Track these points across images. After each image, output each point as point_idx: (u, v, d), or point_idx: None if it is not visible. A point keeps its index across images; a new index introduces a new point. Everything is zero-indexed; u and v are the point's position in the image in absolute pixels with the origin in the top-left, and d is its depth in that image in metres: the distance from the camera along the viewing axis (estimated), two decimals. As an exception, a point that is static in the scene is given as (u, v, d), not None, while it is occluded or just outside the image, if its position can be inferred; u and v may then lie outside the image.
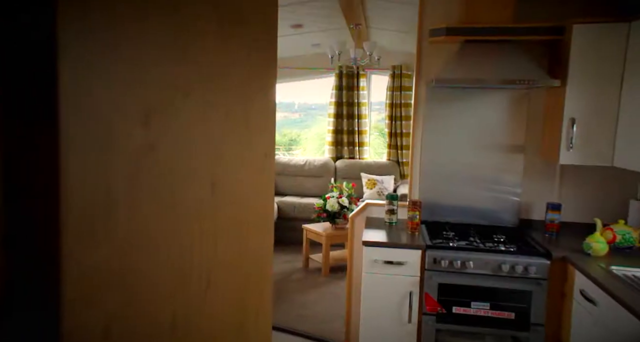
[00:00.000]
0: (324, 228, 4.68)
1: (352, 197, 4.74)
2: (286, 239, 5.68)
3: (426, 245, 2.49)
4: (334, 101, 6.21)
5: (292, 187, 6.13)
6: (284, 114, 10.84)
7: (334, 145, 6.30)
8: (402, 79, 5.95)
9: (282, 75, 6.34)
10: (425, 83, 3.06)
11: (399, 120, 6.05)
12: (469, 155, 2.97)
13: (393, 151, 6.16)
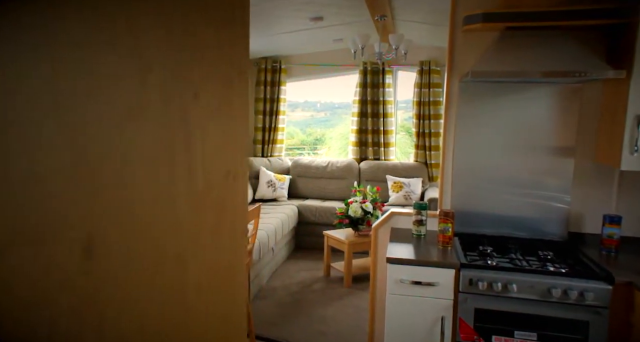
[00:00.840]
0: (346, 235, 4.38)
1: (377, 203, 4.41)
2: (307, 244, 5.40)
3: (460, 263, 2.15)
4: (358, 99, 5.89)
5: (313, 190, 5.84)
6: (310, 113, 10.61)
7: (358, 145, 5.97)
8: (431, 75, 5.58)
9: (302, 72, 6.06)
10: (459, 78, 2.72)
11: (427, 120, 5.68)
12: (509, 158, 2.62)
13: (421, 152, 5.79)
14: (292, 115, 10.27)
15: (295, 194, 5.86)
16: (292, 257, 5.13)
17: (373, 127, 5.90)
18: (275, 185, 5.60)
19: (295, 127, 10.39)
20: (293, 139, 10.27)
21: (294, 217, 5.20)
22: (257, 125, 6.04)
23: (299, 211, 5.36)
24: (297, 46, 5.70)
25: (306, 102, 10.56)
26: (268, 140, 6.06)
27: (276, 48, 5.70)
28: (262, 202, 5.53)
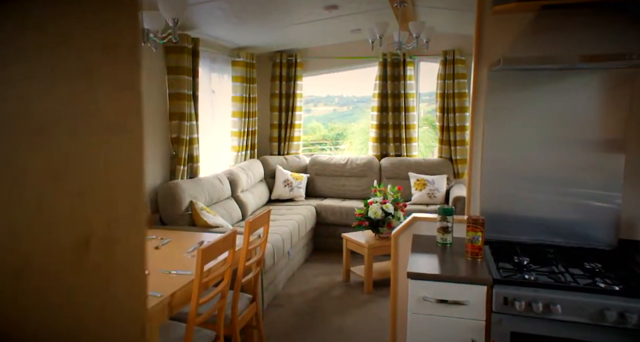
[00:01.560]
0: (366, 238, 4.11)
1: (398, 203, 4.12)
2: (326, 246, 5.15)
3: (493, 278, 1.86)
4: (377, 93, 5.59)
5: (332, 189, 5.58)
6: (332, 108, 10.33)
7: (379, 141, 5.68)
8: (456, 65, 5.23)
9: (319, 66, 5.79)
10: (488, 66, 2.41)
11: (452, 113, 5.34)
12: (546, 153, 2.31)
13: (445, 147, 5.46)
14: (314, 110, 10.10)
15: (313, 193, 5.62)
16: (309, 260, 4.89)
17: (394, 122, 5.60)
18: (292, 184, 5.37)
19: (318, 121, 10.19)
20: (315, 134, 10.09)
21: (312, 218, 4.96)
22: (273, 122, 5.81)
23: (316, 211, 5.11)
24: (313, 39, 5.43)
25: (328, 96, 10.29)
26: (284, 138, 5.82)
27: (291, 41, 5.44)
28: (278, 202, 5.30)
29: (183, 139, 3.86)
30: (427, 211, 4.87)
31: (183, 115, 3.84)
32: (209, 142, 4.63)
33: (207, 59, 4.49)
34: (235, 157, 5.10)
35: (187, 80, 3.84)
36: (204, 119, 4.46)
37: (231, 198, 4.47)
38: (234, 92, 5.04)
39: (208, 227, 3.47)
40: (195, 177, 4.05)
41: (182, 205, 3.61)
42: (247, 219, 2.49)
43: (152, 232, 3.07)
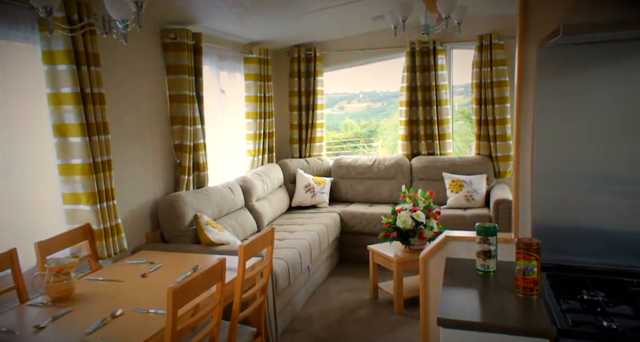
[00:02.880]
0: (395, 251, 3.61)
1: (431, 210, 3.60)
2: (352, 257, 4.68)
3: (558, 329, 1.36)
4: (406, 86, 5.06)
5: (358, 193, 5.10)
6: (367, 104, 9.95)
7: (408, 139, 5.15)
8: (493, 51, 4.64)
9: (340, 59, 5.32)
10: (536, 45, 1.90)
11: (490, 104, 4.74)
12: (617, 148, 1.78)
13: (484, 143, 4.88)
14: (347, 107, 9.80)
15: (337, 198, 5.15)
16: (334, 273, 4.43)
17: (425, 117, 5.05)
18: (314, 189, 4.92)
19: (352, 119, 9.88)
20: (348, 131, 9.74)
21: (336, 227, 4.50)
22: (292, 122, 5.38)
23: (341, 219, 4.65)
24: (332, 30, 4.96)
25: (361, 93, 9.96)
26: (305, 139, 5.38)
27: (308, 34, 5.00)
28: (300, 209, 4.87)
29: (186, 146, 3.49)
30: (465, 216, 4.32)
31: (185, 119, 3.46)
32: (219, 148, 4.25)
33: (215, 57, 4.11)
34: (251, 162, 4.71)
35: (188, 80, 3.46)
36: (213, 122, 4.08)
37: (244, 208, 4.07)
38: (247, 92, 4.64)
39: (212, 244, 3.07)
40: (202, 187, 3.67)
41: (185, 220, 3.23)
42: (242, 243, 2.06)
43: (144, 254, 2.70)
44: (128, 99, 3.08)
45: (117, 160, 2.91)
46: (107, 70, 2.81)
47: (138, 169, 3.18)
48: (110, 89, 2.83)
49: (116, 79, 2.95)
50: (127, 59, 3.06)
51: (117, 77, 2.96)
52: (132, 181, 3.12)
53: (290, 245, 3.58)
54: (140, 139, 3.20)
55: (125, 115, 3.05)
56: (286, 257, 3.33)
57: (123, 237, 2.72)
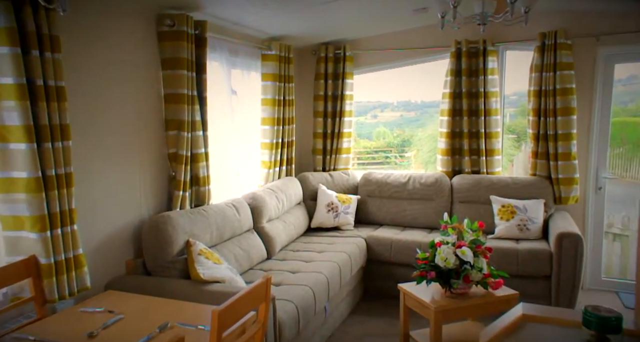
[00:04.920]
0: (433, 294, 2.89)
1: (479, 246, 2.87)
2: (377, 291, 3.99)
3: None
4: (449, 92, 4.34)
5: (388, 215, 4.40)
6: (400, 113, 9.59)
7: (450, 154, 4.42)
8: (558, 52, 3.87)
9: (373, 59, 4.66)
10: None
11: (551, 116, 3.97)
12: None
13: (541, 162, 4.09)
14: (381, 115, 9.42)
15: (364, 219, 4.46)
16: (356, 311, 3.74)
17: (470, 129, 4.31)
18: (337, 209, 4.25)
19: (385, 127, 9.52)
20: (380, 141, 9.28)
21: (361, 255, 3.81)
22: (317, 130, 4.74)
23: (367, 245, 3.96)
24: (364, 25, 4.31)
25: (397, 101, 9.78)
26: (330, 150, 4.73)
27: (337, 30, 4.36)
28: (320, 231, 4.21)
29: (182, 156, 2.89)
30: (519, 250, 3.55)
31: (182, 123, 2.87)
32: (227, 158, 3.65)
33: (225, 51, 3.51)
34: (266, 175, 4.08)
35: (187, 76, 2.86)
36: (220, 128, 3.49)
37: (252, 231, 3.44)
38: (263, 94, 4.03)
39: (202, 282, 2.44)
40: (201, 206, 3.06)
41: (173, 247, 2.62)
42: (216, 308, 1.41)
43: (108, 297, 2.09)
44: (109, 97, 2.51)
45: (89, 173, 2.34)
46: (79, 60, 2.25)
47: (119, 184, 2.59)
48: (81, 83, 2.27)
49: (93, 71, 2.38)
50: (110, 47, 2.49)
51: (94, 69, 2.39)
52: (110, 198, 2.53)
53: (304, 281, 2.92)
54: (124, 147, 2.62)
55: (104, 116, 2.47)
56: (296, 298, 2.67)
57: (84, 273, 2.13)
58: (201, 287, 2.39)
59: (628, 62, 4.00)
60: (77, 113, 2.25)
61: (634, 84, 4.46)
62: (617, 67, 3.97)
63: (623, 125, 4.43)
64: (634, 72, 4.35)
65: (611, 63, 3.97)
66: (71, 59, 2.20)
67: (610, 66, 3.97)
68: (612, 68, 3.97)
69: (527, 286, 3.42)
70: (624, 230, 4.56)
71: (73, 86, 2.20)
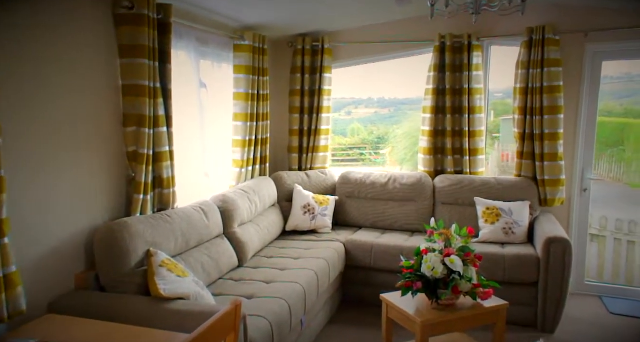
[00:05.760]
0: (418, 306, 2.67)
1: (469, 254, 2.67)
2: (356, 298, 3.77)
3: None
4: (432, 88, 4.13)
5: (368, 217, 4.18)
6: (374, 110, 9.53)
7: (432, 153, 4.22)
8: (546, 48, 3.71)
9: (353, 53, 4.42)
10: None
11: (538, 115, 3.81)
12: None
13: (527, 163, 3.94)
14: (355, 112, 9.34)
15: (342, 221, 4.23)
16: (335, 321, 3.50)
17: (454, 127, 4.13)
18: (314, 210, 4.00)
19: (360, 124, 9.47)
20: (355, 137, 9.20)
21: (340, 261, 3.57)
22: (293, 127, 4.47)
23: (346, 250, 3.72)
24: (344, 16, 4.06)
25: (369, 98, 9.75)
26: (307, 148, 4.47)
27: (316, 20, 4.09)
28: (296, 235, 3.95)
29: (143, 155, 2.58)
30: (505, 256, 3.38)
31: (143, 118, 2.56)
32: (195, 157, 3.34)
33: (193, 40, 3.21)
34: (238, 175, 3.79)
35: (149, 66, 2.55)
36: (187, 124, 3.19)
37: (222, 237, 3.15)
38: (236, 87, 3.73)
39: (164, 300, 2.15)
40: (165, 211, 2.75)
41: (131, 258, 2.32)
42: None
43: (46, 323, 1.78)
44: (53, 89, 2.18)
45: (28, 176, 2.01)
46: (14, 46, 1.92)
47: (67, 187, 2.27)
48: (14, 73, 1.95)
49: (31, 58, 2.05)
50: (54, 30, 2.16)
51: (33, 56, 2.06)
52: (56, 204, 2.21)
53: (279, 293, 2.66)
54: (73, 146, 2.30)
55: (46, 111, 2.15)
56: (271, 314, 2.40)
57: (18, 294, 1.81)
58: (162, 305, 2.10)
59: (616, 59, 3.88)
60: (10, 107, 1.92)
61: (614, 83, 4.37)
62: (605, 64, 3.85)
63: (600, 126, 4.32)
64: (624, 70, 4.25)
65: (599, 60, 3.83)
66: (3, 44, 1.88)
67: (598, 63, 3.84)
68: (600, 65, 3.84)
69: (514, 293, 3.25)
70: (602, 230, 4.48)
71: (3, 77, 1.88)
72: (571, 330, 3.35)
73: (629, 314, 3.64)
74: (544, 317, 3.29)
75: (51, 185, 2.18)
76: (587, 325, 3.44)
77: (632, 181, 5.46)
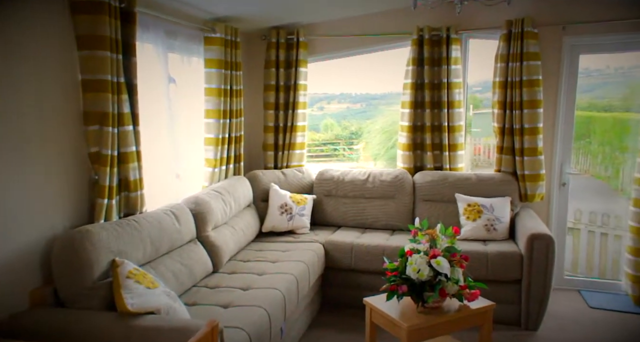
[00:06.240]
0: (403, 309, 2.57)
1: (455, 254, 2.57)
2: (337, 300, 3.65)
3: None
4: (410, 82, 4.03)
5: (347, 216, 4.05)
6: (346, 105, 9.49)
7: (411, 149, 4.13)
8: (525, 41, 3.65)
9: (329, 47, 4.28)
10: None
11: (517, 109, 3.76)
12: None
13: (507, 158, 3.89)
14: (327, 107, 9.27)
15: (321, 220, 4.10)
16: (315, 325, 3.37)
17: (433, 122, 4.04)
18: (291, 210, 3.85)
19: (332, 119, 9.44)
20: (328, 133, 9.16)
21: (319, 263, 3.44)
22: (268, 123, 4.30)
23: (325, 251, 3.59)
24: (320, 8, 3.91)
25: (342, 94, 9.72)
26: (283, 145, 4.31)
27: (290, 12, 3.93)
28: (273, 236, 3.79)
29: (107, 156, 2.37)
30: (488, 253, 3.31)
31: (106, 116, 2.35)
32: (165, 157, 3.14)
33: (161, 32, 3.00)
34: (211, 174, 3.60)
35: (111, 59, 2.35)
36: (156, 121, 2.98)
37: (195, 241, 2.97)
38: (207, 83, 3.54)
39: (131, 315, 1.96)
40: (132, 216, 2.56)
41: (95, 269, 2.12)
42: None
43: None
44: (1, 83, 1.95)
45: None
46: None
47: (18, 192, 2.05)
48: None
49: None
50: (3, 19, 1.93)
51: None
52: (6, 211, 1.99)
53: (257, 300, 2.51)
54: (26, 147, 2.08)
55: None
56: (249, 325, 2.25)
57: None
58: (129, 321, 1.92)
59: (593, 53, 3.86)
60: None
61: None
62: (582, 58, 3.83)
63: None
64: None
65: (576, 53, 3.80)
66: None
67: (575, 57, 3.81)
68: (577, 59, 3.81)
69: (498, 291, 3.19)
70: (576, 223, 4.49)
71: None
72: (554, 327, 3.32)
73: (608, 307, 3.64)
74: (528, 315, 3.24)
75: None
76: (569, 321, 3.42)
77: (598, 173, 5.56)
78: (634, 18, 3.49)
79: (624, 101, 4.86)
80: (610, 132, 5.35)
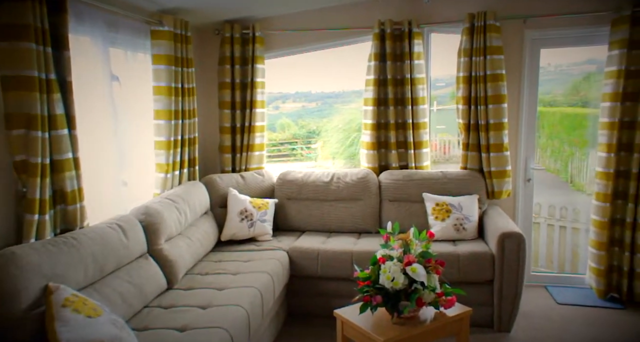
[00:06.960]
0: (377, 321, 2.39)
1: (430, 260, 2.42)
2: (303, 310, 3.45)
3: None
4: (372, 78, 3.87)
5: (312, 220, 3.85)
6: (301, 104, 9.28)
7: (376, 148, 3.97)
8: (488, 34, 3.57)
9: (287, 41, 4.06)
10: None
11: (482, 104, 3.68)
12: None
13: (472, 154, 3.81)
14: (283, 106, 9.10)
15: (284, 225, 3.88)
16: (282, 337, 3.15)
17: (397, 120, 3.91)
18: (252, 216, 3.61)
19: (288, 118, 9.35)
20: (285, 132, 9.02)
21: (284, 273, 3.22)
22: (224, 124, 4.02)
23: (290, 258, 3.37)
24: (277, 1, 3.68)
25: (297, 93, 9.63)
26: (241, 147, 4.05)
27: (245, 5, 3.67)
28: (233, 245, 3.54)
29: (37, 165, 2.06)
30: (459, 254, 3.20)
31: (33, 119, 2.04)
32: (109, 163, 2.82)
33: (100, 23, 2.68)
34: (163, 181, 3.30)
35: (37, 52, 2.03)
36: (98, 124, 2.66)
37: (147, 256, 2.67)
38: (156, 80, 3.23)
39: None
40: (70, 232, 2.24)
41: (23, 298, 1.81)
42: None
43: None
44: None
45: None
46: None
47: None
48: None
49: None
50: None
51: None
52: None
53: (218, 320, 2.26)
54: None
55: None
56: None
57: None
58: (66, 359, 1.63)
59: (553, 47, 3.82)
60: None
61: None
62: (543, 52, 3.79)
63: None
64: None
65: (537, 47, 3.76)
66: None
67: (536, 51, 3.77)
68: (539, 53, 3.77)
69: (470, 293, 3.06)
70: (536, 218, 4.50)
71: None
72: (525, 326, 3.25)
73: (575, 303, 3.62)
74: (500, 316, 3.15)
75: None
76: (539, 319, 3.36)
77: (548, 166, 5.68)
78: (594, 11, 3.47)
79: (565, 97, 5.00)
80: (558, 126, 5.48)
